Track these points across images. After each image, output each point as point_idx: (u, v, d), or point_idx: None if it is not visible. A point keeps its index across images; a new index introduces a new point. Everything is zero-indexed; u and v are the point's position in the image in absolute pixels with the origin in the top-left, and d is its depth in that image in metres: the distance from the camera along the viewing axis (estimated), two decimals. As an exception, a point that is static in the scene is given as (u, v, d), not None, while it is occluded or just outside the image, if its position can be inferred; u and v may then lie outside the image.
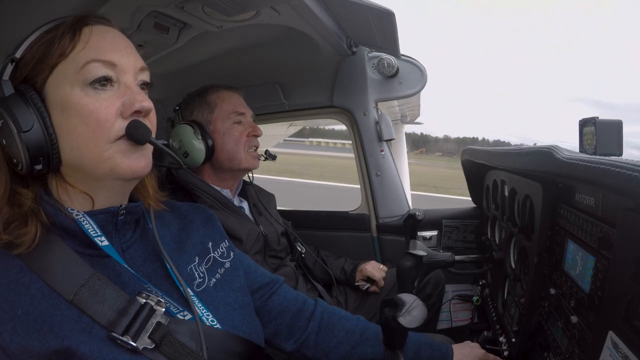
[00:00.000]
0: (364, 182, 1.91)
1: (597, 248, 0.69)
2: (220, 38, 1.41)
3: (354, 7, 1.28)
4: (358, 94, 1.82)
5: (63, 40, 0.59)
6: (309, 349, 0.88)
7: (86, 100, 0.58)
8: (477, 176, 1.66)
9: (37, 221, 0.58)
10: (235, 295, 0.76)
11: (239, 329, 0.71)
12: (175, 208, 0.82)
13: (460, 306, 1.83)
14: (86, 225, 0.61)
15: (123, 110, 0.60)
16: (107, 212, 0.64)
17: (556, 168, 0.74)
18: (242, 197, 1.49)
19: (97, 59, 0.59)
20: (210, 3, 1.09)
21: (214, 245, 0.80)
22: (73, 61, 0.59)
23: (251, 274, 0.86)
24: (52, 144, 0.59)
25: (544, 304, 0.93)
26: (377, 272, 1.58)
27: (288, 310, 0.88)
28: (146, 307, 0.59)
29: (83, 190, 0.62)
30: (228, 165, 1.36)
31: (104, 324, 0.56)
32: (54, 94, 0.59)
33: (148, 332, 0.58)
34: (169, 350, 0.59)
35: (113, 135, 0.60)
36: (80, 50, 0.59)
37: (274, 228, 1.46)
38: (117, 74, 0.61)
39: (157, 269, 0.68)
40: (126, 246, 0.67)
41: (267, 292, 0.88)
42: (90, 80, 0.59)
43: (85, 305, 0.57)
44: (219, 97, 1.38)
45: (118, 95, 0.61)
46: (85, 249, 0.62)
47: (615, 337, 0.58)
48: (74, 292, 0.57)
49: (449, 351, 0.93)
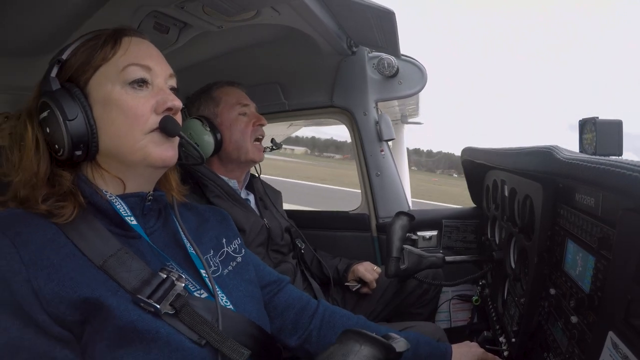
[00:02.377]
0: (364, 182, 1.91)
1: (597, 248, 0.69)
2: (220, 38, 1.41)
3: (354, 6, 1.28)
4: (358, 94, 1.82)
5: (106, 46, 0.69)
6: (311, 344, 0.92)
7: (126, 97, 0.68)
8: (477, 176, 1.66)
9: (74, 200, 0.66)
10: (247, 285, 0.83)
11: (251, 314, 0.77)
12: (193, 207, 0.90)
13: (459, 306, 1.83)
14: (118, 206, 0.69)
15: (157, 107, 0.70)
16: (137, 196, 0.72)
17: (556, 168, 0.74)
18: (250, 190, 1.51)
19: (136, 63, 0.70)
20: (211, 3, 1.09)
21: (227, 242, 0.87)
22: (114, 64, 0.69)
23: (260, 271, 0.93)
24: (93, 133, 0.68)
25: (544, 304, 0.93)
26: (369, 274, 1.58)
27: (293, 308, 0.93)
28: (167, 280, 0.66)
29: (116, 175, 0.71)
30: (235, 155, 1.39)
31: (129, 289, 0.63)
32: (96, 90, 0.69)
33: (169, 300, 0.64)
34: (187, 318, 0.65)
35: (147, 128, 0.69)
36: (121, 56, 0.70)
37: (279, 223, 1.48)
38: (152, 77, 0.71)
39: (177, 254, 0.76)
40: (150, 232, 0.74)
41: (274, 289, 0.93)
42: (130, 81, 0.69)
43: (114, 272, 0.64)
44: (223, 92, 1.43)
45: (152, 94, 0.71)
46: (116, 229, 0.69)
47: (615, 337, 0.58)
48: (103, 260, 0.64)
49: (448, 349, 0.93)
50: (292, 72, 1.85)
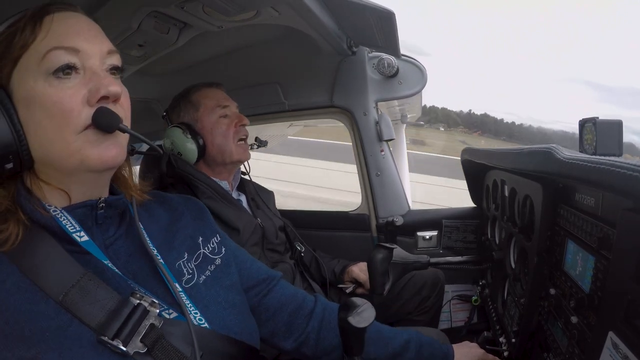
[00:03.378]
0: (364, 182, 1.90)
1: (597, 248, 0.69)
2: (220, 38, 1.41)
3: (354, 7, 1.28)
4: (358, 94, 1.82)
5: (24, 31, 0.56)
6: (309, 348, 0.85)
7: (49, 91, 0.56)
8: (477, 176, 1.66)
9: (16, 220, 0.57)
10: (226, 293, 0.73)
11: (230, 328, 0.68)
12: (166, 200, 0.79)
13: (460, 306, 1.83)
14: (64, 221, 0.58)
15: (89, 98, 0.57)
16: (85, 206, 0.61)
17: (556, 168, 0.74)
18: (241, 191, 1.51)
19: (59, 46, 0.56)
20: (211, 3, 1.09)
21: (204, 241, 0.76)
22: (35, 51, 0.56)
23: (246, 270, 0.82)
24: (21, 141, 0.56)
25: (543, 304, 0.93)
26: (364, 274, 1.56)
27: (286, 308, 0.85)
28: (139, 308, 0.57)
29: (57, 186, 0.60)
30: (220, 159, 1.38)
31: (94, 327, 0.54)
32: (18, 88, 0.57)
33: (140, 335, 0.56)
34: (161, 355, 0.57)
35: (80, 125, 0.57)
36: (42, 40, 0.56)
37: (272, 222, 1.47)
38: (82, 59, 0.58)
39: (142, 265, 0.65)
40: (110, 242, 0.64)
41: (264, 289, 0.84)
42: (53, 69, 0.56)
43: (76, 308, 0.54)
44: (201, 95, 1.40)
45: (84, 82, 0.58)
46: (69, 246, 0.59)
47: (615, 337, 0.58)
48: (63, 294, 0.55)
49: (450, 350, 0.93)
50: (292, 72, 1.85)
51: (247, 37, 1.50)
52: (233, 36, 1.42)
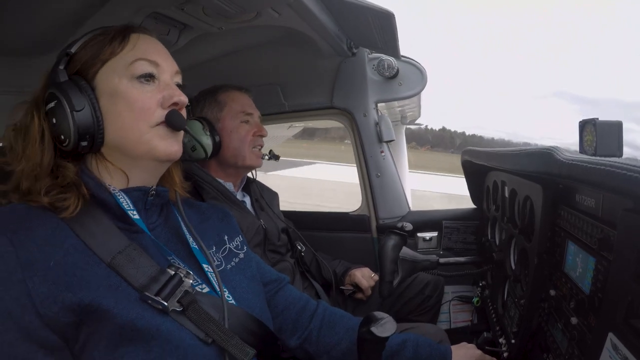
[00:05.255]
0: (364, 183, 1.91)
1: (597, 249, 0.69)
2: (220, 39, 1.41)
3: (354, 8, 1.28)
4: (358, 95, 1.82)
5: (114, 41, 0.70)
6: (311, 344, 0.92)
7: (133, 91, 0.69)
8: (477, 177, 1.66)
9: (78, 192, 0.67)
10: (249, 282, 0.84)
11: (253, 309, 0.78)
12: (194, 204, 0.91)
13: (460, 307, 1.83)
14: (121, 200, 0.69)
15: (163, 102, 0.71)
16: (140, 190, 0.72)
17: (556, 169, 0.74)
18: (246, 192, 1.52)
19: (144, 58, 0.71)
20: (211, 4, 1.09)
21: (229, 239, 0.88)
22: (122, 58, 0.70)
23: (261, 269, 0.93)
24: (99, 124, 0.68)
25: (544, 305, 0.93)
26: (365, 281, 1.56)
27: (293, 307, 0.94)
28: (175, 277, 0.67)
29: (121, 168, 0.72)
30: (233, 161, 1.40)
31: (137, 287, 0.64)
32: (103, 83, 0.70)
33: (177, 297, 0.65)
34: (194, 315, 0.66)
35: (154, 122, 0.70)
36: (130, 51, 0.71)
37: (275, 223, 1.48)
38: (159, 72, 0.73)
39: (179, 250, 0.76)
40: (152, 227, 0.75)
41: (274, 288, 0.94)
42: (138, 75, 0.70)
43: (121, 269, 0.64)
44: (229, 97, 1.42)
45: (159, 89, 0.72)
46: (120, 223, 0.70)
47: (615, 338, 0.58)
48: (111, 257, 0.64)
49: (448, 351, 0.93)
50: (293, 73, 1.85)
51: (248, 39, 1.50)
52: (233, 37, 1.42)
